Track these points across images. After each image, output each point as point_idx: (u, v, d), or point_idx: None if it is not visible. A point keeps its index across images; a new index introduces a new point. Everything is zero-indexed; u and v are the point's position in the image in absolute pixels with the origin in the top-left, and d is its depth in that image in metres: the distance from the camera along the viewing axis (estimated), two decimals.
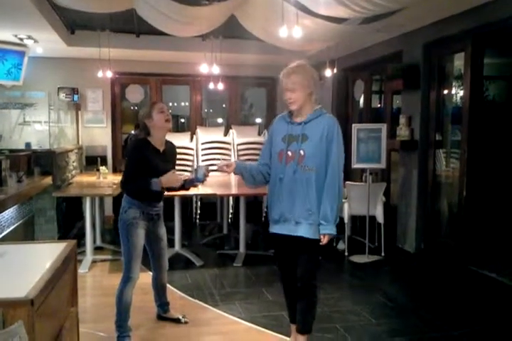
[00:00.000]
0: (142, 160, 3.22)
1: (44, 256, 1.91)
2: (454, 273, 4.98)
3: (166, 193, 3.53)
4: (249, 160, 7.09)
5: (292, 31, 3.94)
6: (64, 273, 1.85)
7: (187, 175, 3.54)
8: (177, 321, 3.65)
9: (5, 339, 1.24)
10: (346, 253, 5.64)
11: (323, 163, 2.82)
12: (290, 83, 2.84)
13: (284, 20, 3.89)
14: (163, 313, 3.73)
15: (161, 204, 3.51)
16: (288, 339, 3.40)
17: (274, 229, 3.00)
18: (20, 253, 1.97)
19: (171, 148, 3.49)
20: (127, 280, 3.26)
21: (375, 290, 4.52)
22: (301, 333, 2.98)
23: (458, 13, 4.84)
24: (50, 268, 1.68)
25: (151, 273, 4.90)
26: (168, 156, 3.44)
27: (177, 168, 6.88)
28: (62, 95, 7.34)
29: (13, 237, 4.37)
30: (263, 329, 3.58)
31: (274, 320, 3.74)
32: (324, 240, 2.82)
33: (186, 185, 3.43)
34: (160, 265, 3.60)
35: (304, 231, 2.85)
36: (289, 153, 2.86)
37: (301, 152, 2.83)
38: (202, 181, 3.32)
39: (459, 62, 5.41)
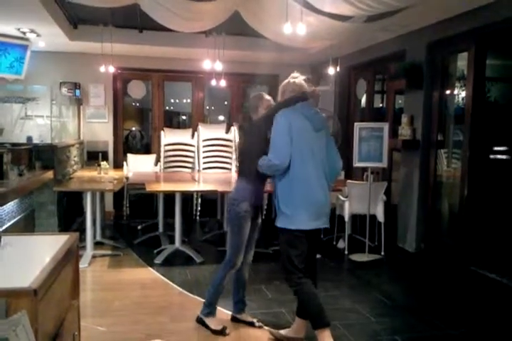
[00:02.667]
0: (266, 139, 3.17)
1: (46, 247, 1.91)
2: (453, 273, 4.98)
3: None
4: None
5: (296, 28, 3.93)
6: (66, 265, 1.85)
7: None
8: (251, 324, 3.58)
9: (8, 328, 1.24)
10: (346, 252, 5.64)
11: None
12: None
13: (288, 17, 3.88)
14: (238, 314, 3.64)
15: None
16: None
17: (312, 225, 3.07)
18: (22, 245, 1.97)
19: None
20: (232, 266, 3.42)
21: (374, 288, 4.53)
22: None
23: (462, 13, 4.84)
24: (52, 260, 1.68)
25: (151, 269, 4.97)
26: None
27: (176, 164, 6.96)
28: (64, 90, 7.34)
29: (13, 231, 4.37)
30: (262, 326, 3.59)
31: (273, 317, 3.75)
32: None
33: None
34: (247, 255, 3.58)
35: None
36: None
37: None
38: None
39: (461, 62, 5.40)
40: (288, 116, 3.06)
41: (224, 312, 3.79)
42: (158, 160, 7.31)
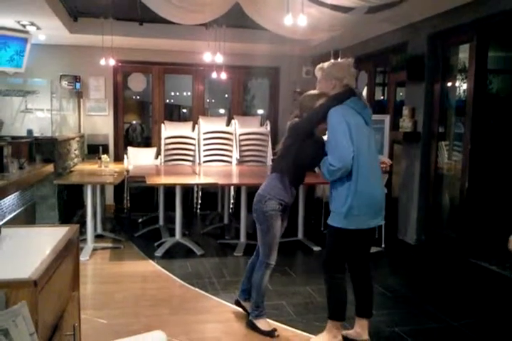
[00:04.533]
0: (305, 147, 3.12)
1: (47, 239, 1.91)
2: (454, 265, 4.99)
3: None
4: (250, 151, 7.10)
5: (297, 20, 3.91)
6: (66, 257, 1.85)
7: None
8: (247, 312, 3.57)
9: (8, 319, 1.24)
10: None
11: None
12: None
13: (289, 8, 3.85)
14: (243, 300, 3.64)
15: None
16: (287, 327, 3.44)
17: (371, 223, 3.00)
18: (22, 237, 1.96)
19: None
20: (267, 266, 3.38)
21: (375, 281, 4.48)
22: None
23: (464, 4, 4.80)
24: (52, 251, 1.68)
25: (151, 262, 4.98)
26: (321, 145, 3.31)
27: (177, 157, 6.95)
28: (64, 83, 7.32)
29: (14, 224, 4.37)
30: None
31: (274, 309, 3.76)
32: None
33: None
34: None
35: None
36: None
37: None
38: None
39: (463, 54, 5.38)
40: (342, 113, 2.90)
41: (226, 305, 3.81)
42: (158, 154, 7.31)
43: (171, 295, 4.10)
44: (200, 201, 7.47)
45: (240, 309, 3.68)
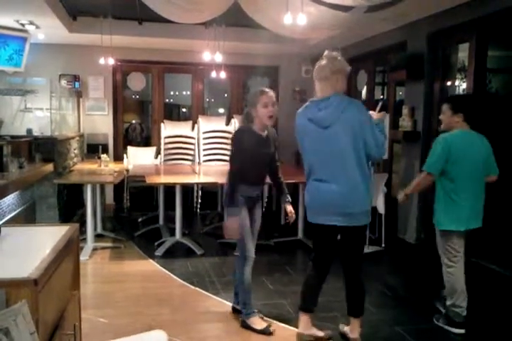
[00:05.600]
0: (246, 149, 3.32)
1: (47, 238, 1.90)
2: None
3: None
4: None
5: (296, 19, 3.90)
6: (67, 256, 1.85)
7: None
8: None
9: (8, 318, 1.24)
10: None
11: None
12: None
13: (289, 7, 3.85)
14: (237, 304, 3.62)
15: (263, 186, 3.62)
16: (287, 326, 3.44)
17: (330, 220, 3.02)
18: (22, 236, 1.96)
19: (272, 133, 3.53)
20: (246, 259, 3.41)
21: (374, 280, 4.53)
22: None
23: (463, 3, 4.80)
24: (52, 250, 1.67)
25: (151, 261, 4.98)
26: (270, 141, 3.47)
27: (176, 157, 6.94)
28: (63, 82, 7.32)
29: (13, 223, 4.37)
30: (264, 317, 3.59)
31: (274, 308, 3.76)
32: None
33: None
34: None
35: None
36: None
37: None
38: None
39: (462, 53, 5.37)
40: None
41: (226, 304, 3.81)
42: (158, 153, 7.30)
43: (171, 295, 4.10)
44: (200, 200, 7.46)
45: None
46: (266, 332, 3.32)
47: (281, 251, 5.47)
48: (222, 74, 6.78)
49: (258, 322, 3.39)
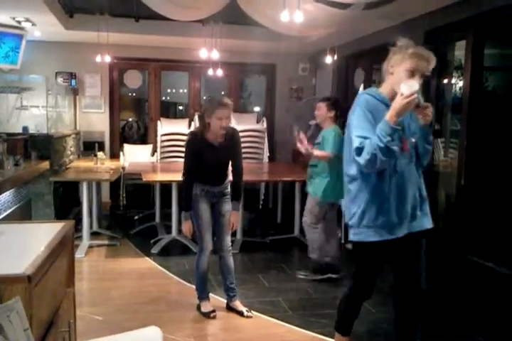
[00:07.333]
0: (194, 155, 3.48)
1: (41, 235, 1.90)
2: (450, 262, 5.00)
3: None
4: (247, 148, 7.07)
5: (293, 16, 3.89)
6: (61, 252, 1.84)
7: None
8: (240, 314, 3.59)
9: (2, 314, 1.23)
10: (343, 241, 5.64)
11: None
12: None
13: (286, 4, 3.84)
14: (230, 301, 3.69)
15: (225, 185, 3.65)
16: (283, 323, 3.43)
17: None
18: (17, 233, 1.96)
19: (231, 136, 3.50)
20: (200, 250, 3.65)
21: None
22: None
23: (460, 1, 4.79)
24: (47, 247, 1.67)
25: (148, 259, 4.98)
26: (226, 148, 3.49)
27: (173, 154, 6.92)
28: (60, 80, 7.30)
29: (9, 221, 4.35)
30: (259, 314, 3.61)
31: (269, 305, 3.76)
32: None
33: None
34: (220, 242, 3.65)
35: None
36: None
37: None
38: None
39: (459, 51, 5.37)
40: None
41: (222, 302, 3.81)
42: (154, 151, 7.29)
43: (167, 292, 4.10)
44: None
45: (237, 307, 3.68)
46: (206, 315, 3.54)
47: (277, 248, 5.47)
48: (219, 72, 6.76)
49: (205, 306, 3.61)
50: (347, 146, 2.54)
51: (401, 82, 2.38)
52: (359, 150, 2.36)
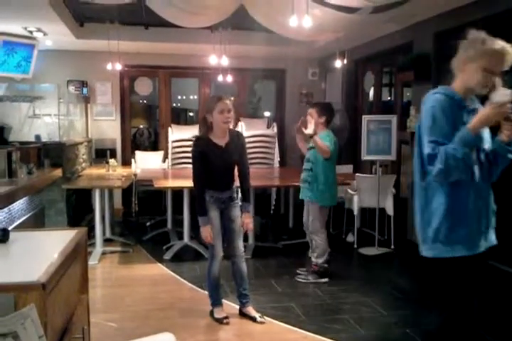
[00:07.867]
0: (201, 157, 3.47)
1: (55, 242, 1.91)
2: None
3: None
4: (257, 153, 7.07)
5: (302, 21, 3.90)
6: (75, 260, 1.85)
7: None
8: (253, 320, 3.58)
9: (17, 322, 1.24)
10: (355, 246, 5.62)
11: None
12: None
13: (294, 9, 3.85)
14: (243, 307, 3.68)
15: (232, 189, 3.64)
16: (295, 329, 3.41)
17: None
18: (31, 240, 1.97)
19: (236, 138, 3.55)
20: (211, 257, 3.61)
21: (384, 282, 4.51)
22: None
23: (470, 2, 4.77)
24: (61, 254, 1.68)
25: (160, 265, 4.98)
26: (233, 149, 3.51)
27: (184, 161, 6.94)
28: (71, 88, 7.37)
29: (22, 229, 4.39)
30: (272, 320, 3.59)
31: (282, 311, 3.75)
32: None
33: None
34: (232, 247, 3.64)
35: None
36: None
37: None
38: None
39: None
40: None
41: (235, 307, 3.80)
42: (166, 157, 7.31)
43: (180, 298, 4.10)
44: None
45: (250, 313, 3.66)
46: (219, 321, 3.53)
47: (290, 253, 5.45)
48: (229, 78, 6.79)
49: (218, 312, 3.59)
50: (416, 153, 2.31)
51: (475, 80, 2.20)
52: (431, 158, 2.15)
